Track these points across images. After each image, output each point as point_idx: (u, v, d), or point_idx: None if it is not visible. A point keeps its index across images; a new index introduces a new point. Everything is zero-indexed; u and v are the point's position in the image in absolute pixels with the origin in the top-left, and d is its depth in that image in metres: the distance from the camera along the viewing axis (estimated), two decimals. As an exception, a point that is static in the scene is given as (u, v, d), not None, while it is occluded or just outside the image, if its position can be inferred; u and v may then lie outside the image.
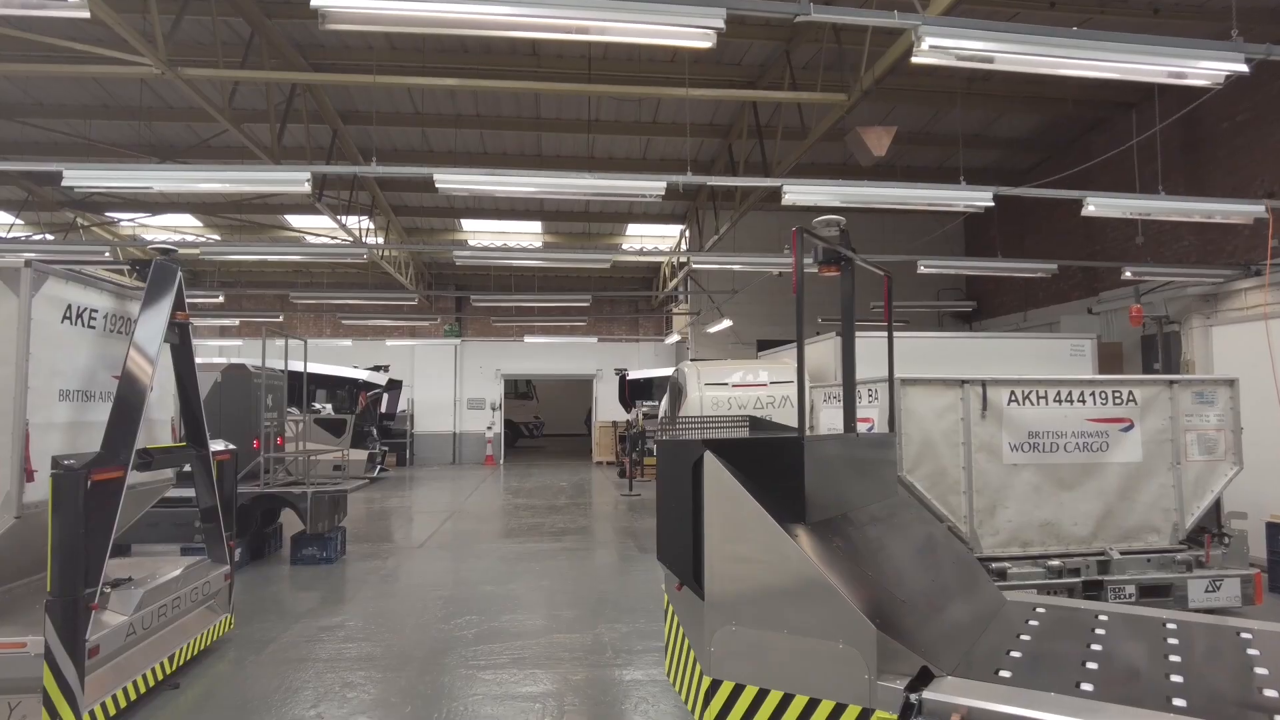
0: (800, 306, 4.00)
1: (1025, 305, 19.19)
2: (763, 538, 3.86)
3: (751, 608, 3.88)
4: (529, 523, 13.54)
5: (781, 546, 3.80)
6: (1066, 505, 6.77)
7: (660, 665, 6.16)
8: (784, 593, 3.79)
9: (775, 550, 3.82)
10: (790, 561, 3.77)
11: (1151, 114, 14.17)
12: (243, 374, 12.13)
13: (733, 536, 3.95)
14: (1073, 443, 6.81)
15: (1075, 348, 11.40)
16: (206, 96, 10.35)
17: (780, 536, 3.80)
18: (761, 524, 3.86)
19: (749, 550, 3.90)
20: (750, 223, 18.07)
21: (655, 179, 8.10)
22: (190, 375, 6.07)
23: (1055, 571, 6.50)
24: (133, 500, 6.01)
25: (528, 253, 13.15)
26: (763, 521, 3.85)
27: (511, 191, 8.10)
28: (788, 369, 11.05)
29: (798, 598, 3.74)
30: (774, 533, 3.82)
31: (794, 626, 3.76)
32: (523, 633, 7.06)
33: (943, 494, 6.64)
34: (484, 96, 13.77)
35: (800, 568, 3.74)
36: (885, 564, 4.28)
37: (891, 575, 4.19)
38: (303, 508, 9.72)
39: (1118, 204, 8.84)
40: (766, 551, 3.85)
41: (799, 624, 3.74)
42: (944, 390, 6.73)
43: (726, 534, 3.96)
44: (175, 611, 5.70)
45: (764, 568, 3.85)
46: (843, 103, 9.85)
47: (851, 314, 4.77)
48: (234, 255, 13.56)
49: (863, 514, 4.60)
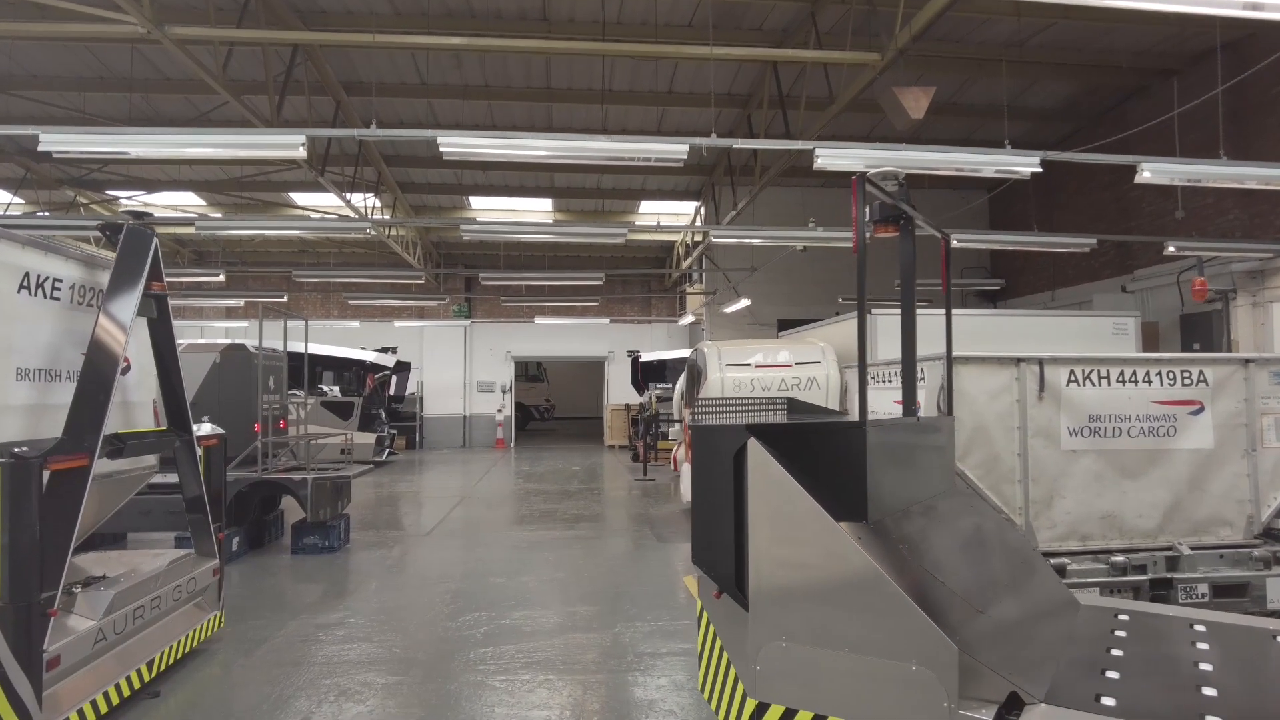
0: (862, 268, 3.42)
1: (1054, 284, 18.49)
2: (818, 539, 3.29)
3: (805, 621, 3.32)
4: (541, 509, 13.03)
5: (841, 549, 3.23)
6: (1130, 495, 6.17)
7: (688, 670, 5.62)
8: (844, 604, 3.22)
9: (833, 554, 3.25)
10: (851, 567, 3.20)
11: (1194, 81, 13.42)
12: (242, 354, 11.64)
13: (782, 538, 3.38)
14: (1137, 427, 6.19)
15: (1118, 326, 10.76)
16: (201, 63, 9.77)
17: (840, 537, 3.23)
18: (817, 523, 3.29)
19: (802, 554, 3.34)
20: (769, 198, 17.39)
21: (677, 141, 7.49)
22: (170, 353, 5.52)
23: (1119, 568, 5.91)
24: (110, 490, 5.51)
25: (538, 227, 12.56)
26: (819, 520, 3.28)
27: (520, 156, 7.50)
28: (812, 349, 10.45)
29: (861, 610, 3.18)
30: (832, 533, 3.25)
31: (856, 643, 3.19)
32: (536, 631, 6.53)
33: (996, 483, 6.05)
34: (492, 64, 13.14)
35: (864, 575, 3.17)
36: (955, 568, 3.71)
37: (964, 582, 3.63)
38: (303, 495, 9.21)
39: (1176, 169, 8.18)
40: (823, 555, 3.28)
41: (862, 641, 3.18)
42: (998, 370, 6.13)
43: (775, 535, 3.40)
44: (155, 612, 5.19)
45: (820, 574, 3.29)
46: (876, 63, 9.20)
47: (912, 281, 4.18)
48: (233, 230, 13.03)
49: (925, 509, 4.03)
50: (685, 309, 25.27)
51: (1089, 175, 16.59)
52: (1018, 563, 4.35)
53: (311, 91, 13.03)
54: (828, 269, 19.71)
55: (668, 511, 12.71)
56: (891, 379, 7.30)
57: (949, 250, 4.85)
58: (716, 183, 18.31)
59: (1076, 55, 13.25)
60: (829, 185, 19.79)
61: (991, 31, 12.16)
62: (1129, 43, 12.74)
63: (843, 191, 19.82)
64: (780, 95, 12.57)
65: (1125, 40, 12.64)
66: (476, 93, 14.11)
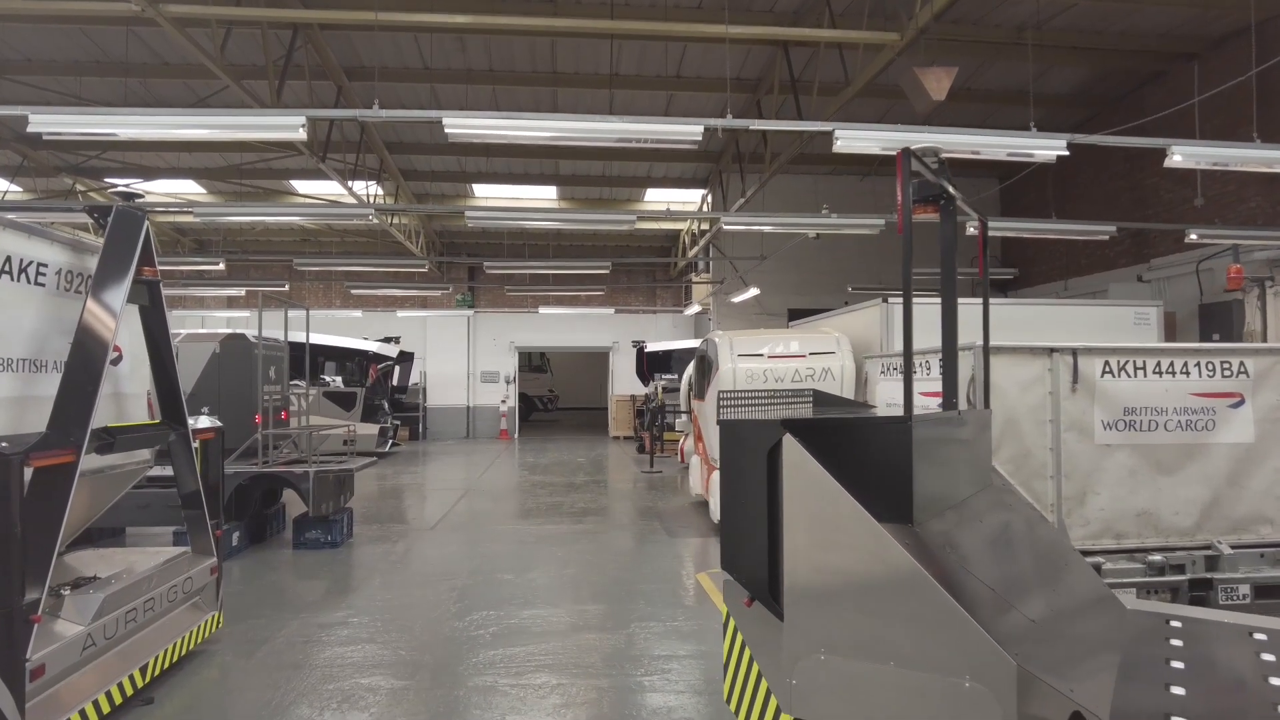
0: (908, 247, 3.14)
1: (1066, 274, 18.17)
2: (860, 543, 3.03)
3: (846, 632, 3.06)
4: (547, 502, 12.79)
5: (886, 554, 2.97)
6: (1166, 492, 5.91)
7: (705, 674, 5.38)
8: (890, 614, 2.96)
9: (878, 559, 2.99)
10: (898, 574, 2.94)
11: (1216, 66, 13.09)
12: (243, 344, 11.37)
13: (822, 542, 3.12)
14: (1174, 420, 5.93)
15: (1139, 316, 10.45)
16: (199, 45, 9.49)
17: (885, 541, 2.97)
18: (859, 526, 3.02)
19: (842, 559, 3.08)
20: (778, 186, 17.06)
21: (690, 122, 7.20)
22: (164, 342, 5.26)
23: (1157, 568, 5.65)
24: (102, 486, 5.26)
25: (544, 212, 12.27)
26: (861, 523, 3.02)
27: (527, 138, 7.21)
28: (827, 339, 10.17)
29: (908, 620, 2.92)
30: (877, 538, 2.99)
31: (903, 657, 2.93)
32: (546, 631, 6.29)
33: (1027, 479, 5.78)
34: (497, 47, 12.84)
35: (912, 582, 2.91)
36: (1002, 572, 3.46)
37: (1011, 586, 3.37)
38: (304, 488, 8.97)
39: (1208, 153, 7.90)
40: (866, 561, 3.02)
41: (910, 654, 2.92)
42: (1030, 360, 5.86)
43: (814, 539, 3.13)
44: (150, 614, 4.94)
45: (862, 581, 3.03)
46: (895, 43, 8.89)
47: (953, 265, 3.91)
48: (231, 216, 12.75)
49: (967, 509, 3.77)
50: (691, 299, 24.98)
51: (1103, 164, 16.27)
52: (1059, 563, 4.09)
53: (312, 76, 12.73)
54: (835, 258, 19.42)
55: (676, 505, 12.46)
56: (914, 370, 7.02)
57: (986, 234, 4.57)
58: (724, 170, 17.99)
59: (1097, 38, 12.91)
60: (838, 173, 19.48)
61: (1010, 13, 11.84)
62: (1152, 24, 12.41)
63: (854, 179, 19.53)
64: (792, 79, 12.26)
65: (1148, 22, 12.31)
66: (481, 77, 13.81)
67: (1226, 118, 12.87)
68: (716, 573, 8.05)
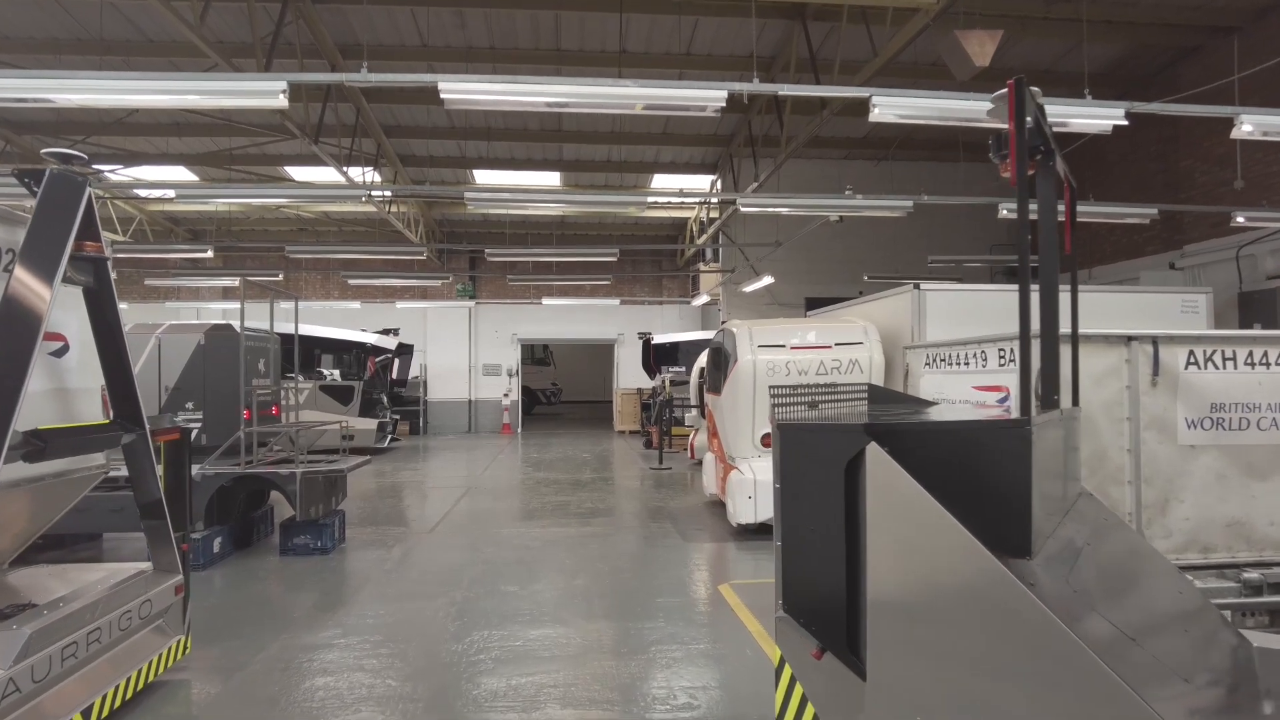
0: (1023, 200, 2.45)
1: (1090, 262, 17.41)
2: (971, 584, 2.34)
3: (950, 696, 2.37)
4: (552, 501, 12.11)
5: (1005, 599, 2.27)
6: (1261, 499, 5.21)
7: (734, 708, 4.70)
8: (1011, 674, 2.27)
9: (995, 605, 2.29)
10: (1022, 623, 2.24)
11: (1258, 39, 12.35)
12: (229, 336, 10.67)
13: (918, 582, 2.43)
14: (1269, 419, 5.23)
15: (1187, 303, 9.71)
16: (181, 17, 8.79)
17: (1004, 582, 2.27)
18: (970, 562, 2.32)
19: (946, 604, 2.39)
20: (790, 170, 16.28)
21: (711, 87, 6.48)
22: (114, 330, 4.57)
23: (1254, 587, 4.96)
24: (48, 494, 4.58)
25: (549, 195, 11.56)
26: (973, 558, 2.32)
27: (528, 103, 6.50)
28: (853, 329, 9.47)
29: (1037, 683, 2.23)
30: (992, 576, 2.29)
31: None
32: (556, 656, 5.61)
33: (1101, 484, 5.09)
34: (498, 21, 12.15)
35: (1040, 634, 2.21)
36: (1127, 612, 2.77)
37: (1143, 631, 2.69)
38: (291, 490, 8.28)
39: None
40: (978, 606, 2.33)
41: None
42: (1104, 350, 5.16)
43: (909, 579, 2.44)
44: (95, 647, 4.26)
45: (973, 632, 2.34)
46: (931, 7, 8.16)
47: (1053, 237, 3.21)
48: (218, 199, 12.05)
49: (1070, 529, 3.08)
50: (699, 289, 24.26)
51: (1133, 145, 15.52)
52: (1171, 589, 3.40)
53: (304, 54, 12.01)
54: (848, 245, 18.68)
55: (689, 504, 11.78)
56: (956, 360, 6.33)
57: (1074, 200, 3.87)
58: (735, 154, 17.25)
59: (1131, 11, 12.18)
60: (852, 157, 18.78)
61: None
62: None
63: (868, 165, 18.80)
64: (811, 55, 11.52)
65: (1187, -10, 11.56)
66: (481, 54, 13.11)
67: (1271, 94, 12.11)
68: (740, 584, 7.37)
